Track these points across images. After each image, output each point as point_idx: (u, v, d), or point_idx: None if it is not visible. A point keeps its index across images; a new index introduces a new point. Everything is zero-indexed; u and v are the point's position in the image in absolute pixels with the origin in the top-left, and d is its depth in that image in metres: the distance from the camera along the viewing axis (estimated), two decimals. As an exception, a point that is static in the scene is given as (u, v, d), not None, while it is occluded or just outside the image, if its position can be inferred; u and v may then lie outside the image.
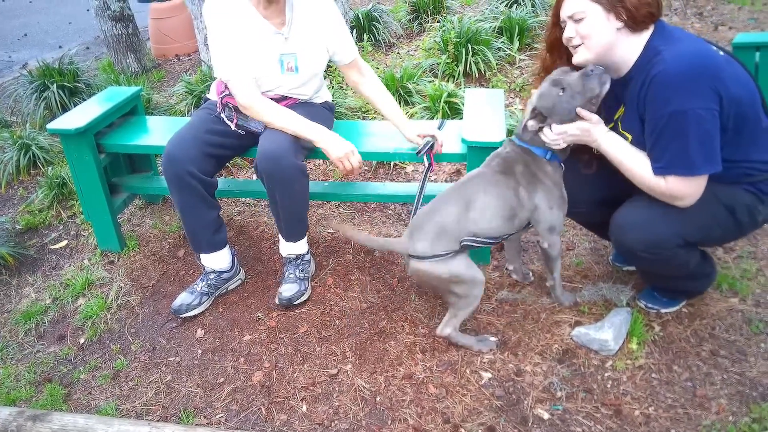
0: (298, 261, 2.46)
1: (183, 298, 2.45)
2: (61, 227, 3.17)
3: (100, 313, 2.55)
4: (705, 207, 1.85)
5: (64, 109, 4.02)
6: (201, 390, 2.16)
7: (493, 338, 2.18)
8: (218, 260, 2.44)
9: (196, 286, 2.47)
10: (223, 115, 2.35)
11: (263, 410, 2.05)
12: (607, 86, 1.87)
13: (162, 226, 3.06)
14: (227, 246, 2.46)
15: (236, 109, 2.34)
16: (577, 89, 1.88)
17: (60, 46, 6.63)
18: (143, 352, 2.35)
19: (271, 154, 2.18)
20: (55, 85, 4.15)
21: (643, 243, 1.90)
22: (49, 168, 3.53)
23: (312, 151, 2.39)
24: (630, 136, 1.89)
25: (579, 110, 1.89)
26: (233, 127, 2.34)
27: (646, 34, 1.81)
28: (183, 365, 2.27)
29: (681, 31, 1.82)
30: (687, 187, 1.79)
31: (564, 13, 1.84)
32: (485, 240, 2.06)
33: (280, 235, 2.45)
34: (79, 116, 2.67)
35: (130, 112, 2.95)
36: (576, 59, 1.87)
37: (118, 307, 2.59)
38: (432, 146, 2.35)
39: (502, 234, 2.08)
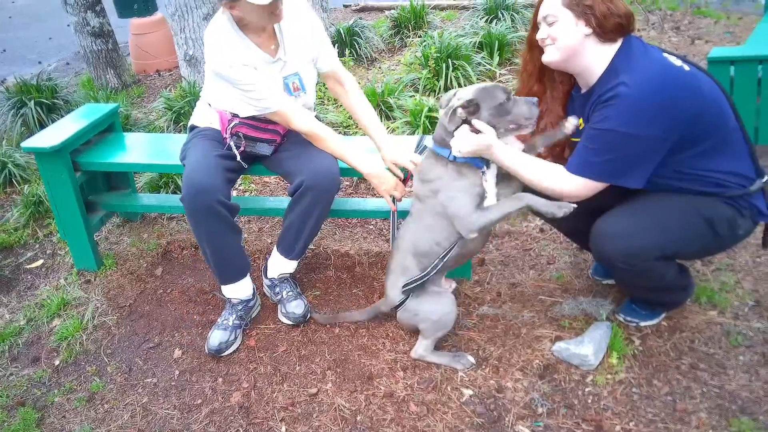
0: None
1: (219, 336, 2.32)
2: (37, 246, 3.12)
3: (76, 334, 2.50)
4: (685, 219, 1.88)
5: (42, 125, 3.98)
6: (178, 412, 2.12)
7: (470, 357, 2.17)
8: (243, 289, 2.39)
9: (226, 321, 2.36)
10: (231, 143, 2.32)
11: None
12: (531, 125, 2.00)
13: (140, 245, 3.02)
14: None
15: (245, 137, 2.32)
16: (522, 109, 1.97)
17: (40, 62, 6.58)
18: (119, 374, 2.31)
19: (327, 172, 2.25)
20: (32, 101, 4.11)
21: (622, 253, 1.91)
22: (26, 186, 3.48)
23: None
24: None
25: (475, 122, 1.95)
26: (238, 157, 2.31)
27: (613, 48, 1.86)
28: (160, 386, 2.23)
29: (646, 51, 1.85)
30: (585, 189, 1.87)
31: (540, 15, 1.93)
32: (421, 275, 2.11)
33: (276, 250, 2.44)
34: (54, 134, 2.64)
35: (107, 129, 2.92)
36: (545, 57, 1.95)
37: (94, 327, 2.54)
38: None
39: (445, 249, 2.07)
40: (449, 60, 4.06)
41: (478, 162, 2.00)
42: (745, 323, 2.21)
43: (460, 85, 4.00)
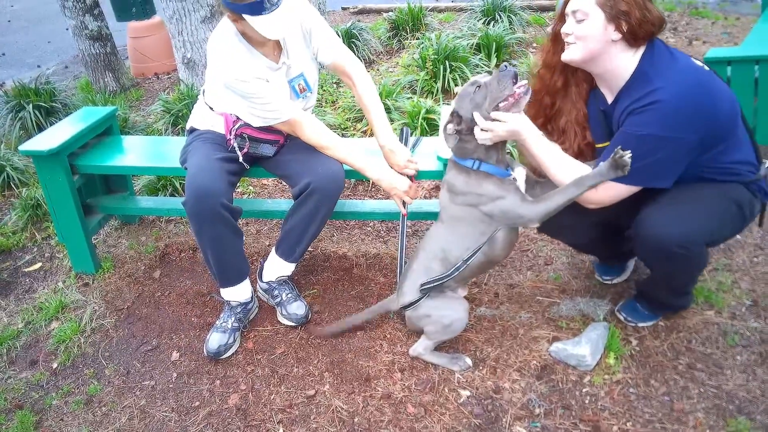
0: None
1: (217, 339, 2.32)
2: (36, 249, 3.12)
3: (74, 337, 2.50)
4: (721, 205, 1.89)
5: (40, 129, 3.98)
6: (176, 414, 2.12)
7: (468, 359, 2.17)
8: (242, 291, 2.39)
9: (224, 323, 2.36)
10: (234, 144, 2.31)
11: (239, 434, 2.02)
12: (528, 94, 1.89)
13: (138, 247, 3.02)
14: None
15: (249, 138, 2.32)
16: (491, 87, 1.91)
17: (38, 66, 6.59)
18: (117, 377, 2.31)
19: (333, 175, 2.26)
20: (31, 105, 4.12)
21: (679, 237, 1.85)
22: (24, 189, 3.48)
23: None
24: None
25: (494, 113, 1.91)
26: (240, 158, 2.31)
27: (639, 52, 1.83)
28: (158, 389, 2.23)
29: (672, 55, 1.83)
30: (615, 194, 1.85)
31: (569, 8, 1.85)
32: (443, 275, 2.09)
33: (275, 253, 2.44)
34: (51, 137, 2.64)
35: (105, 132, 2.92)
36: (565, 55, 1.90)
37: (92, 330, 2.54)
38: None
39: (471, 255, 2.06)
40: (447, 62, 4.07)
41: (503, 172, 1.99)
42: (742, 323, 2.21)
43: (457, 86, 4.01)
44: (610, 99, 1.95)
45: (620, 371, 2.07)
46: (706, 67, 1.85)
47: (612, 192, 1.85)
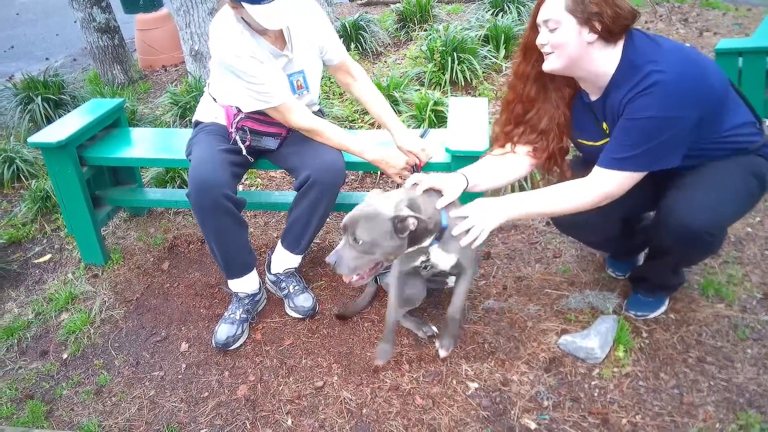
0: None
1: (226, 330, 2.32)
2: (45, 241, 3.14)
3: (84, 328, 2.52)
4: (741, 180, 1.87)
5: (49, 121, 3.99)
6: (185, 405, 2.13)
7: (433, 327, 2.26)
8: (249, 283, 2.40)
9: (233, 315, 2.37)
10: (237, 137, 2.32)
11: (248, 425, 2.02)
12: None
13: (146, 239, 3.03)
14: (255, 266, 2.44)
15: (251, 131, 2.32)
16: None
17: (47, 58, 6.61)
18: (127, 367, 2.32)
19: (332, 166, 2.26)
20: (39, 97, 4.13)
21: (709, 224, 1.83)
22: (33, 181, 3.50)
23: None
24: None
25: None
26: (244, 151, 2.31)
27: (620, 45, 1.81)
28: (167, 380, 2.24)
29: (653, 40, 1.82)
30: (630, 181, 1.83)
31: (540, 18, 1.84)
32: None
33: (281, 246, 2.45)
34: (60, 129, 2.65)
35: (113, 125, 2.93)
36: (545, 66, 1.88)
37: (102, 321, 2.56)
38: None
39: None
40: (455, 53, 4.05)
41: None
42: (752, 316, 2.19)
43: (466, 79, 3.99)
44: (594, 96, 1.93)
45: (629, 364, 2.06)
46: (687, 44, 1.84)
47: (622, 181, 1.83)
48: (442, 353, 2.15)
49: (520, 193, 1.99)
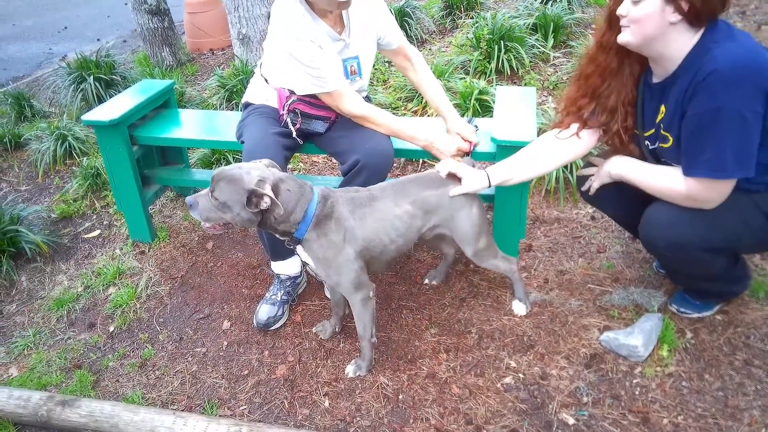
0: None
1: (267, 311, 2.37)
2: (95, 217, 3.24)
3: (130, 303, 2.59)
4: (737, 213, 1.80)
5: (101, 100, 4.10)
6: (225, 381, 2.18)
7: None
8: (292, 266, 2.43)
9: (274, 296, 2.41)
10: (288, 119, 2.34)
11: (286, 404, 2.06)
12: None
13: (192, 219, 3.09)
14: None
15: (302, 114, 2.34)
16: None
17: (98, 39, 6.77)
18: (170, 342, 2.38)
19: (382, 151, 2.27)
20: (92, 77, 4.23)
21: (666, 241, 1.87)
22: (84, 158, 3.60)
23: None
24: (671, 138, 1.83)
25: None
26: (294, 134, 2.34)
27: (699, 33, 1.71)
28: (209, 356, 2.30)
29: (735, 30, 1.72)
30: (712, 190, 1.74)
31: None
32: None
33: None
34: (112, 108, 2.72)
35: (163, 105, 2.99)
36: (620, 38, 1.80)
37: (148, 296, 2.63)
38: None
39: None
40: (502, 42, 3.98)
41: None
42: (805, 321, 2.12)
43: (512, 68, 3.93)
44: (658, 78, 1.85)
45: (673, 364, 2.02)
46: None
47: (717, 190, 1.75)
48: (350, 375, 2.14)
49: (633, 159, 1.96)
